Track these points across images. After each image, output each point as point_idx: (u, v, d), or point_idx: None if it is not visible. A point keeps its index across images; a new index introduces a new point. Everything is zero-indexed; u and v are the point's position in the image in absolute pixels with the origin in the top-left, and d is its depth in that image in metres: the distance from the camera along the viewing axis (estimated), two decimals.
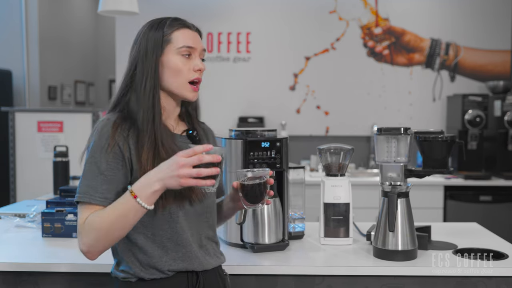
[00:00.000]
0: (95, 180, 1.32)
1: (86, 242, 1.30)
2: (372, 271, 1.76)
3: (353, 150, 2.07)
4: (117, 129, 1.35)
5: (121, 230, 1.30)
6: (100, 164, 1.33)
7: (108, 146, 1.33)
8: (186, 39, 1.42)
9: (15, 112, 4.12)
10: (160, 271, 1.38)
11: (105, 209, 1.31)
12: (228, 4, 4.69)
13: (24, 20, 4.70)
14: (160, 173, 1.26)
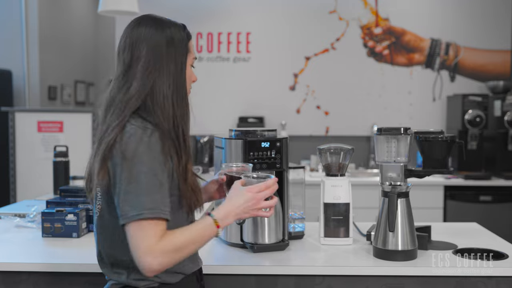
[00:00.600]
0: (159, 194, 1.25)
1: (164, 263, 1.24)
2: (372, 271, 1.76)
3: (353, 150, 2.07)
4: (165, 140, 1.30)
5: (195, 251, 1.36)
6: (161, 176, 1.27)
7: (164, 158, 1.28)
8: (194, 50, 1.44)
9: (15, 112, 4.12)
10: (183, 273, 1.40)
11: (187, 231, 1.30)
12: (228, 4, 4.69)
13: (24, 20, 4.70)
14: (238, 208, 1.36)
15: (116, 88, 1.40)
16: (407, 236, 1.80)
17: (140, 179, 1.24)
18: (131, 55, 1.36)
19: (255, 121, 4.47)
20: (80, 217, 2.09)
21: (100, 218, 1.39)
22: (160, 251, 1.22)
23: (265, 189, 1.40)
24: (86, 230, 2.16)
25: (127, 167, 1.25)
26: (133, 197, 1.24)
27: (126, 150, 1.26)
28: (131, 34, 1.39)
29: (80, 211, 2.10)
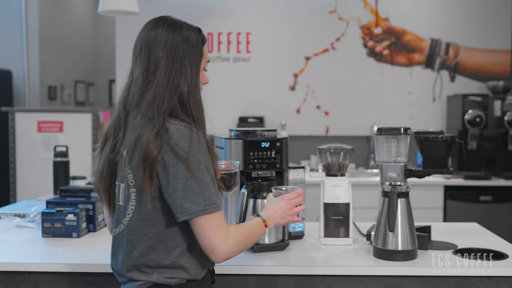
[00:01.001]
0: (214, 189, 1.34)
1: (234, 251, 1.37)
2: (372, 271, 1.76)
3: (353, 150, 2.07)
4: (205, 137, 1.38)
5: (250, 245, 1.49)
6: (212, 172, 1.35)
7: (212, 155, 1.37)
8: (207, 54, 1.49)
9: (15, 112, 4.12)
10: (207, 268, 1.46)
11: (245, 226, 1.49)
12: (228, 4, 4.69)
13: (24, 20, 4.70)
14: (276, 213, 1.56)
15: (138, 90, 1.39)
16: (407, 236, 1.80)
17: (198, 176, 1.30)
18: (150, 57, 1.39)
19: (255, 121, 4.47)
20: (80, 217, 2.09)
21: (133, 219, 1.39)
22: (231, 239, 1.35)
23: (296, 197, 1.62)
24: (86, 230, 2.16)
25: (184, 166, 1.29)
26: (195, 193, 1.30)
27: (179, 150, 1.30)
28: (148, 35, 1.42)
29: (80, 211, 2.10)
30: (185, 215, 1.31)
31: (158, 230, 1.36)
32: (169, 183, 1.31)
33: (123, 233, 1.42)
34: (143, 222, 1.37)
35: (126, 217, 1.40)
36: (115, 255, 1.47)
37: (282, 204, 1.58)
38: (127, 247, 1.40)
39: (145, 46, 1.41)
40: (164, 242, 1.36)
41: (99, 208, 2.23)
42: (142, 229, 1.37)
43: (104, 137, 1.46)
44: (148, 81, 1.38)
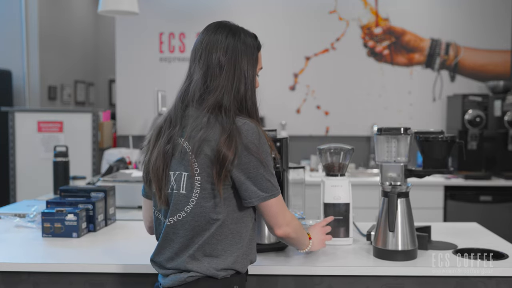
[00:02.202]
0: (275, 176, 1.50)
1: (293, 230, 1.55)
2: (372, 271, 1.76)
3: (353, 150, 2.07)
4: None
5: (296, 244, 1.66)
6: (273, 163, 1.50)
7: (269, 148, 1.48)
8: (261, 60, 1.57)
9: (15, 112, 4.12)
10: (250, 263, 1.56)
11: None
12: (228, 4, 4.69)
13: (24, 20, 4.70)
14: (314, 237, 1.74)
15: (198, 91, 1.47)
16: (407, 236, 1.80)
17: (267, 166, 1.45)
18: (210, 62, 1.47)
19: None
20: (80, 217, 2.09)
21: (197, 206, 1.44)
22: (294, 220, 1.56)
23: (325, 224, 1.82)
24: (86, 230, 2.17)
25: (254, 157, 1.42)
26: (265, 181, 1.45)
27: (249, 143, 1.42)
28: (208, 40, 1.49)
29: (80, 211, 2.10)
30: (259, 199, 1.45)
31: (221, 217, 1.44)
32: (241, 173, 1.42)
33: (184, 221, 1.45)
34: (206, 213, 1.44)
35: (190, 204, 1.45)
36: (166, 244, 1.49)
37: (317, 230, 1.77)
38: (189, 233, 1.45)
39: (205, 50, 1.48)
40: (228, 230, 1.45)
41: (99, 208, 2.23)
42: (206, 216, 1.44)
43: (157, 130, 1.53)
44: (206, 85, 1.47)
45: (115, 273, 1.76)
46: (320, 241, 1.75)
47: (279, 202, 1.49)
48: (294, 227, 1.55)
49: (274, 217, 1.50)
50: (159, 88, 3.45)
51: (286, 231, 1.53)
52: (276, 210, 1.49)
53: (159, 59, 4.67)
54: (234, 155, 1.39)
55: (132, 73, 4.70)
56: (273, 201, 1.47)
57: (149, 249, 1.61)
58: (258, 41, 1.54)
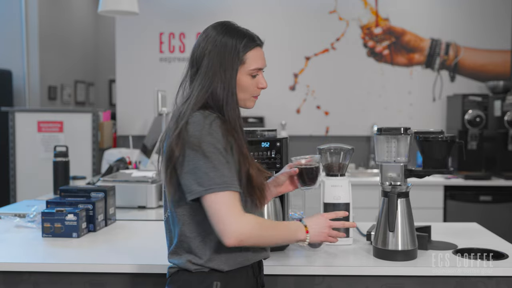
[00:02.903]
0: (225, 170, 1.37)
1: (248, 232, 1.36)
2: (372, 271, 1.76)
3: (353, 150, 2.07)
4: (225, 125, 1.42)
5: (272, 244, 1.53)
6: (221, 154, 1.38)
7: (225, 140, 1.40)
8: (258, 61, 1.51)
9: (15, 112, 4.12)
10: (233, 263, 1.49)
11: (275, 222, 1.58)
12: (228, 4, 4.69)
13: (24, 20, 4.70)
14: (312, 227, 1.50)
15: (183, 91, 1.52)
16: (407, 236, 1.80)
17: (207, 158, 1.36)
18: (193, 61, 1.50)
19: (255, 121, 4.46)
20: (80, 217, 2.09)
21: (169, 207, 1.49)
22: (246, 222, 1.36)
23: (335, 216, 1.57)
24: (86, 230, 2.17)
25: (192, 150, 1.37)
26: (202, 174, 1.36)
27: (191, 136, 1.38)
28: (197, 40, 1.52)
29: (80, 211, 2.10)
30: (191, 194, 1.37)
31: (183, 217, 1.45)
32: (181, 166, 1.39)
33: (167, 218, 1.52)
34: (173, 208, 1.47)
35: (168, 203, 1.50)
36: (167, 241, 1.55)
37: (320, 220, 1.54)
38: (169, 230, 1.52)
39: (193, 50, 1.52)
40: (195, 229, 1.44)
41: (99, 208, 2.23)
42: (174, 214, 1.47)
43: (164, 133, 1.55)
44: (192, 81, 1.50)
45: (115, 273, 1.76)
46: (320, 233, 1.52)
47: (219, 199, 1.35)
48: (249, 229, 1.36)
49: (213, 217, 1.36)
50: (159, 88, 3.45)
51: (233, 236, 1.34)
52: (213, 210, 1.35)
53: (159, 59, 4.67)
54: (179, 152, 1.38)
55: (132, 73, 4.70)
56: (211, 197, 1.35)
57: (149, 249, 1.62)
58: (246, 41, 1.48)
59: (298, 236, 1.47)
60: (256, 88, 1.54)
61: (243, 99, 1.53)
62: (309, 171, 1.63)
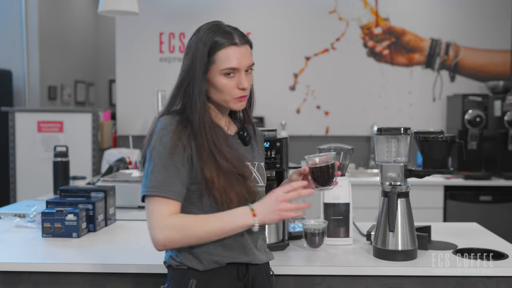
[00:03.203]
0: (159, 175, 1.39)
1: (169, 237, 1.37)
2: (372, 271, 1.76)
3: (353, 150, 2.07)
4: (180, 129, 1.42)
5: (212, 238, 1.41)
6: (162, 159, 1.39)
7: (173, 144, 1.40)
8: (229, 60, 1.46)
9: (15, 112, 4.12)
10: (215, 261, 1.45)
11: (206, 216, 1.41)
12: (228, 4, 4.69)
13: (24, 20, 4.70)
14: (261, 207, 1.40)
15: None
16: (407, 236, 1.80)
17: (151, 162, 1.41)
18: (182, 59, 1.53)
19: (255, 121, 4.44)
20: (80, 217, 2.09)
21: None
22: (167, 224, 1.37)
23: (290, 190, 1.43)
24: (86, 230, 2.17)
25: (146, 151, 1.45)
26: (144, 177, 1.42)
27: (146, 139, 1.46)
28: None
29: (80, 211, 2.10)
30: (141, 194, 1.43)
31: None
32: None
33: None
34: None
35: None
36: None
37: (268, 199, 1.42)
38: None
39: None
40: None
41: (99, 208, 2.23)
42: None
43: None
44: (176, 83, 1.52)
45: (115, 273, 1.76)
46: (271, 212, 1.40)
47: (149, 203, 1.39)
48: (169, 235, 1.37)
49: (147, 220, 1.40)
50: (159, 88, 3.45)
51: (158, 244, 1.38)
52: (147, 214, 1.40)
53: (159, 59, 4.67)
54: (141, 154, 1.47)
55: (132, 73, 4.70)
56: (146, 199, 1.41)
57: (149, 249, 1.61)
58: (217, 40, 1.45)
59: (244, 222, 1.39)
60: (236, 89, 1.49)
61: (224, 101, 1.49)
62: (321, 170, 1.51)
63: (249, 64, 1.52)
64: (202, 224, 1.39)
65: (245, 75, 1.50)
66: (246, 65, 1.50)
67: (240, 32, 1.50)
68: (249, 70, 1.53)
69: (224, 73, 1.46)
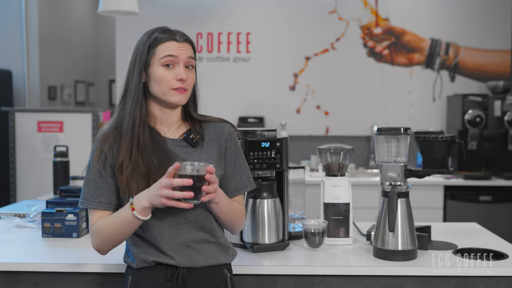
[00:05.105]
0: (89, 187, 1.51)
1: (95, 243, 1.52)
2: (372, 271, 1.76)
3: (353, 150, 2.07)
4: (106, 138, 1.52)
5: (120, 236, 1.48)
6: (92, 172, 1.51)
7: (96, 155, 1.51)
8: (168, 50, 1.50)
9: (15, 112, 4.12)
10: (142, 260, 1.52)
11: (110, 217, 1.49)
12: (228, 4, 4.69)
13: (24, 20, 4.70)
14: (149, 191, 1.40)
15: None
16: (407, 236, 1.80)
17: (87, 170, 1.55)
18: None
19: (255, 121, 4.46)
20: (80, 217, 2.09)
21: None
22: (92, 235, 1.52)
23: (168, 177, 1.37)
24: (86, 230, 2.16)
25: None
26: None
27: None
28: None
29: (80, 211, 2.10)
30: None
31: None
32: None
33: None
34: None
35: None
36: None
37: (150, 189, 1.41)
38: None
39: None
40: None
41: None
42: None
43: None
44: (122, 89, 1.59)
45: (115, 273, 1.76)
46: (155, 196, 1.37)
47: (89, 214, 1.54)
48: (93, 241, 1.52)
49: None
50: None
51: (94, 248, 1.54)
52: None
53: None
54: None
55: None
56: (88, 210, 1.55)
57: None
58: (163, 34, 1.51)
59: (127, 215, 1.43)
60: (174, 80, 1.49)
61: (162, 93, 1.50)
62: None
63: (188, 56, 1.52)
64: (106, 224, 1.48)
65: (185, 69, 1.52)
66: (185, 56, 1.51)
67: (182, 33, 1.55)
68: (190, 67, 1.54)
69: (163, 63, 1.50)
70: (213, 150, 1.56)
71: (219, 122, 1.61)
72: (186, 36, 1.54)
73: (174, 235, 1.49)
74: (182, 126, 1.58)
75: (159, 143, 1.49)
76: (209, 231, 1.53)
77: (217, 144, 1.57)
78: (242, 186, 1.60)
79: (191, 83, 1.53)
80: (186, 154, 1.52)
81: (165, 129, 1.55)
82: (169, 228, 1.49)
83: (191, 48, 1.54)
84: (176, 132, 1.56)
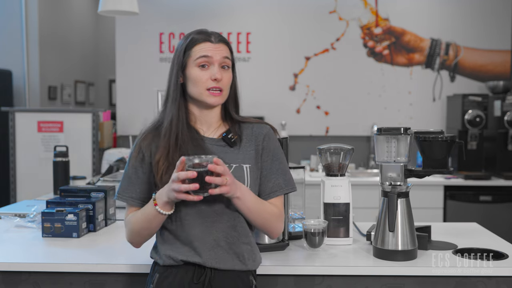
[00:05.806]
0: (124, 182, 1.58)
1: (126, 236, 1.60)
2: (372, 271, 1.76)
3: (353, 150, 2.07)
4: (145, 136, 1.58)
5: (148, 229, 1.52)
6: (128, 169, 1.57)
7: (134, 153, 1.57)
8: (203, 51, 1.54)
9: (15, 112, 4.12)
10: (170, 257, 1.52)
11: (138, 211, 1.54)
12: (228, 4, 4.69)
13: (24, 20, 4.70)
14: (167, 186, 1.43)
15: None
16: (407, 236, 1.80)
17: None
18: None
19: None
20: (80, 217, 2.09)
21: None
22: (125, 228, 1.59)
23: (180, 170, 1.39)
24: (86, 230, 2.17)
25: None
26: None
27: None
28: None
29: (80, 211, 2.10)
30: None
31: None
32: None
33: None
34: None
35: None
36: None
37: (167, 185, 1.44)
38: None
39: None
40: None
41: (99, 208, 2.23)
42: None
43: None
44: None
45: (115, 273, 1.76)
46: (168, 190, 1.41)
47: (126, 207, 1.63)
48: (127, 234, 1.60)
49: None
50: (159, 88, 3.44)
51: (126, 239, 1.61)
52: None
53: (159, 59, 4.67)
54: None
55: (132, 73, 4.70)
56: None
57: (148, 249, 1.62)
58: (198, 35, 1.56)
59: (153, 211, 1.47)
60: (209, 80, 1.52)
61: (198, 93, 1.54)
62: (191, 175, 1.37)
63: (223, 56, 1.55)
64: (134, 218, 1.54)
65: (220, 69, 1.55)
66: (220, 57, 1.54)
67: (217, 34, 1.59)
68: (226, 67, 1.56)
69: (198, 63, 1.53)
70: (250, 151, 1.57)
71: (258, 123, 1.63)
72: (221, 37, 1.57)
73: (206, 232, 1.50)
74: (221, 126, 1.61)
75: (198, 141, 1.53)
76: (240, 231, 1.53)
77: (255, 145, 1.59)
78: (278, 188, 1.59)
79: (227, 83, 1.56)
80: (224, 154, 1.53)
81: (204, 128, 1.59)
82: (202, 225, 1.50)
83: (227, 48, 1.57)
84: (215, 132, 1.59)
